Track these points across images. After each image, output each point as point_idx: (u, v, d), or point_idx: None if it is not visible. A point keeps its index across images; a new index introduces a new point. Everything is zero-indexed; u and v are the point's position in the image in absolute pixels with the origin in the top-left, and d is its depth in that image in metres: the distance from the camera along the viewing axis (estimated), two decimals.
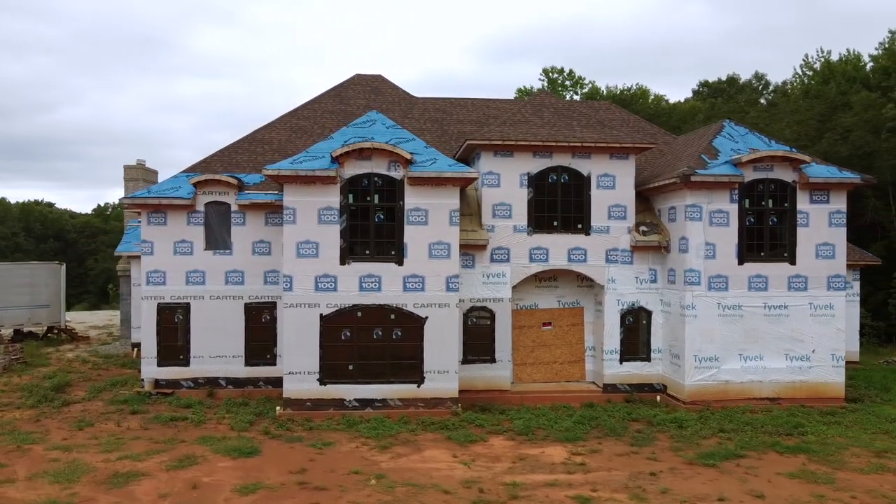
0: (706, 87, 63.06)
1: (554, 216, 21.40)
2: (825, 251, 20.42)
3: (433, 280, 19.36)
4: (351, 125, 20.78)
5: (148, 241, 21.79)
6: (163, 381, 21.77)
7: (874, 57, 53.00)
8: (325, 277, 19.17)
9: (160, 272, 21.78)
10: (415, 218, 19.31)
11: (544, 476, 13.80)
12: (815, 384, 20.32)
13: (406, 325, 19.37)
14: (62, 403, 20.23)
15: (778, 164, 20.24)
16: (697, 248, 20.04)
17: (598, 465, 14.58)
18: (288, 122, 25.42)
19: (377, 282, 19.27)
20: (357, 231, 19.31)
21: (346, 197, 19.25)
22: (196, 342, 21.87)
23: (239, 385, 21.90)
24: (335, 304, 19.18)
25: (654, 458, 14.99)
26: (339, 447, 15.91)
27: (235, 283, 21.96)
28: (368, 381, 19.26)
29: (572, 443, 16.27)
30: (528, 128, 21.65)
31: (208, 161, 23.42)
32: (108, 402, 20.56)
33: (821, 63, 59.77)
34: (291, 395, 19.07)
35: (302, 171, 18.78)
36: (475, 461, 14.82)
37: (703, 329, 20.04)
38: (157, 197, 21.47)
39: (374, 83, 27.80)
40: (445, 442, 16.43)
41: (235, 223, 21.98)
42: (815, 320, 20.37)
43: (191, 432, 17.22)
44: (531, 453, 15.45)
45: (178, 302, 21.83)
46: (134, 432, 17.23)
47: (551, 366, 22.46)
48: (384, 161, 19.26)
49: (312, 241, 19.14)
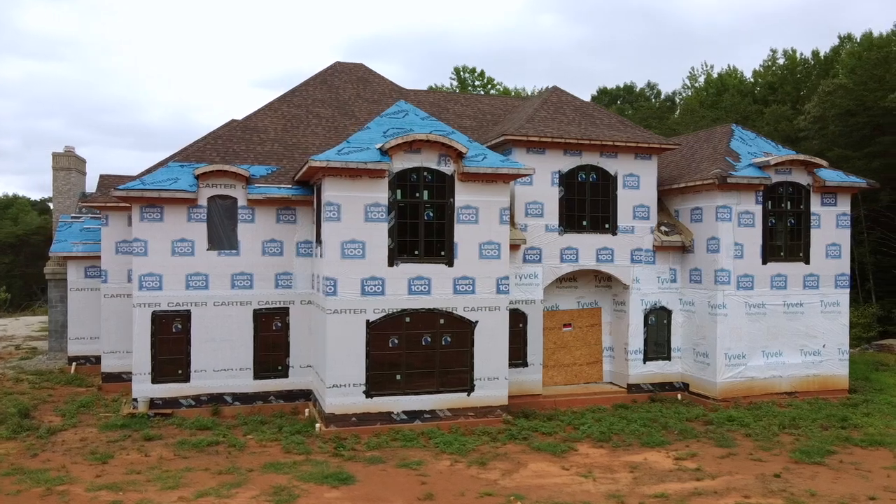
0: (605, 94, 65.72)
1: (583, 216, 21.04)
2: (833, 251, 21.59)
3: (483, 282, 18.33)
4: (384, 115, 19.23)
5: (141, 240, 18.94)
6: (159, 401, 19.01)
7: (757, 73, 57.70)
8: (372, 280, 17.56)
9: (155, 276, 19.02)
10: (465, 216, 18.17)
11: (678, 485, 13.34)
12: (826, 377, 21.43)
13: (455, 330, 18.19)
14: (47, 432, 17.09)
15: (795, 167, 21.12)
16: (728, 248, 20.46)
17: (713, 469, 14.34)
18: (278, 110, 23.17)
19: (426, 284, 17.94)
20: (405, 230, 17.86)
21: (395, 193, 17.75)
22: (197, 355, 19.32)
23: (247, 401, 19.61)
24: (383, 310, 17.62)
25: (758, 459, 14.99)
26: (431, 466, 14.54)
27: (243, 286, 19.64)
28: (416, 391, 17.89)
29: (660, 447, 15.95)
30: (556, 125, 21.13)
31: (202, 149, 20.80)
32: (101, 429, 17.62)
33: (705, 77, 64.41)
34: (335, 411, 17.30)
35: (352, 164, 17.06)
36: (591, 473, 14.07)
37: (732, 327, 20.49)
38: (156, 189, 18.69)
39: (359, 72, 26.05)
40: (536, 453, 15.53)
41: (243, 220, 19.66)
42: (825, 316, 21.49)
43: (243, 459, 15.06)
44: (635, 461, 14.94)
45: (177, 310, 19.17)
46: (173, 462, 14.81)
47: (571, 368, 22.09)
48: (434, 155, 17.96)
49: (359, 241, 17.47)
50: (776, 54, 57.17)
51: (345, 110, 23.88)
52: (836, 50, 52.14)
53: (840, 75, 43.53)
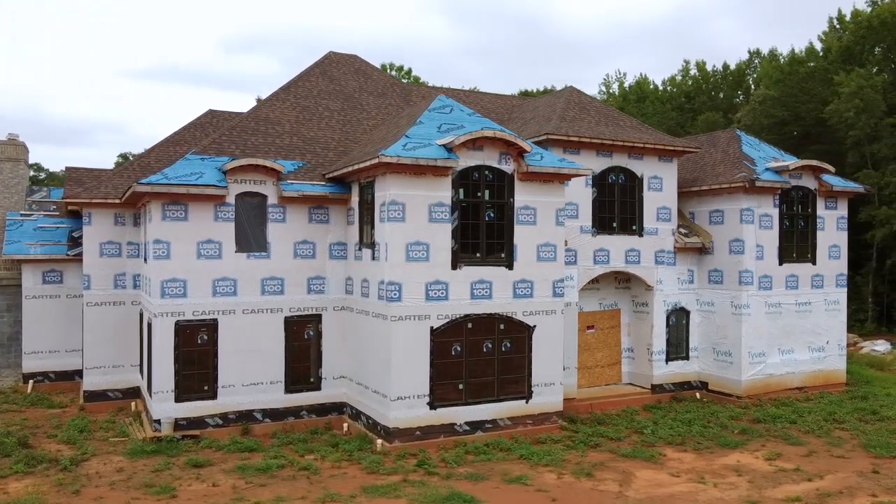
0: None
1: (613, 217, 20.96)
2: (834, 252, 22.78)
3: (541, 285, 17.77)
4: (431, 110, 18.20)
5: (163, 242, 16.84)
6: (183, 421, 16.98)
7: (672, 82, 60.57)
8: (435, 285, 16.53)
9: (179, 281, 16.98)
10: (524, 217, 17.53)
11: (796, 486, 13.42)
12: (828, 371, 22.57)
13: (514, 335, 17.52)
14: (71, 463, 14.76)
15: (805, 172, 22.08)
16: (751, 249, 21.05)
17: (811, 468, 14.56)
18: (287, 101, 21.41)
19: (488, 288, 17.13)
20: (468, 231, 16.96)
21: (457, 192, 16.81)
22: (225, 368, 17.45)
23: (278, 417, 17.95)
24: (446, 315, 16.64)
25: (841, 456, 15.41)
26: (540, 480, 13.82)
27: (274, 292, 17.95)
28: (478, 400, 17.04)
29: (740, 448, 16.06)
30: (587, 126, 20.91)
31: (218, 141, 18.82)
32: (128, 456, 15.48)
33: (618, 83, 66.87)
34: (400, 425, 16.13)
35: (422, 160, 15.96)
36: (703, 478, 13.89)
37: (754, 326, 21.11)
38: (183, 185, 16.65)
39: (355, 63, 24.63)
40: (628, 461, 15.18)
41: (273, 219, 17.96)
42: (828, 314, 22.63)
43: (330, 483, 13.66)
44: (729, 463, 14.95)
45: (203, 319, 17.21)
46: (251, 491, 13.19)
47: (593, 370, 21.96)
48: (495, 153, 17.19)
49: (423, 243, 16.39)
50: (689, 65, 60.30)
51: (352, 103, 22.50)
52: (746, 63, 55.68)
53: (762, 86, 46.34)
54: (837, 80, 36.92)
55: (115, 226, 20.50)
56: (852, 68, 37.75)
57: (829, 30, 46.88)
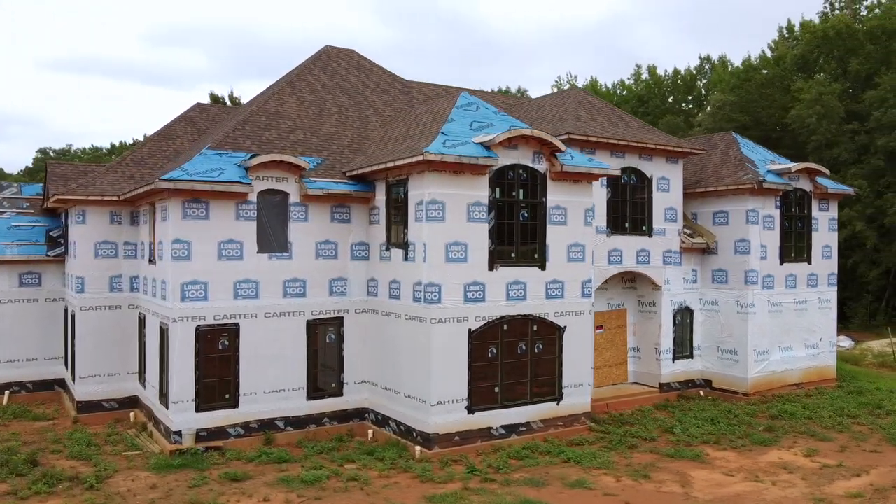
0: None
1: (625, 218, 21.03)
2: (826, 252, 23.56)
3: (571, 286, 17.62)
4: (458, 107, 17.77)
5: (183, 242, 15.81)
6: (204, 432, 15.99)
7: (629, 87, 61.83)
8: (473, 286, 16.12)
9: (200, 283, 15.98)
10: (555, 216, 17.33)
11: (849, 483, 13.72)
12: (821, 367, 23.33)
13: (546, 336, 17.29)
14: (95, 480, 13.63)
15: (803, 175, 22.74)
16: (756, 249, 21.51)
17: (853, 464, 14.89)
18: (292, 95, 20.52)
19: (523, 289, 16.85)
20: (503, 231, 16.62)
21: (494, 191, 16.45)
22: (247, 375, 16.54)
23: (300, 425, 17.15)
24: (483, 317, 16.27)
25: (874, 451, 15.84)
26: (601, 483, 13.62)
27: (296, 294, 17.15)
28: (512, 403, 16.74)
29: (775, 446, 16.31)
30: (601, 126, 20.90)
31: (232, 135, 17.84)
32: (155, 471, 14.45)
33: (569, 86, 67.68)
34: (440, 430, 15.65)
35: (465, 158, 15.53)
36: (758, 477, 14.00)
37: (759, 325, 21.58)
38: (207, 181, 15.66)
39: (353, 58, 23.89)
40: (675, 461, 15.18)
41: (295, 218, 17.15)
42: (821, 312, 23.38)
43: (391, 494, 13.07)
44: (773, 461, 15.14)
45: (224, 323, 16.27)
46: None
47: (601, 370, 21.98)
48: (529, 152, 16.92)
49: (461, 243, 15.95)
50: (640, 69, 61.68)
51: (358, 99, 21.81)
52: (698, 69, 57.36)
53: (716, 91, 47.77)
54: (796, 86, 38.40)
55: (111, 225, 19.18)
56: (808, 76, 39.37)
57: (779, 39, 48.86)
